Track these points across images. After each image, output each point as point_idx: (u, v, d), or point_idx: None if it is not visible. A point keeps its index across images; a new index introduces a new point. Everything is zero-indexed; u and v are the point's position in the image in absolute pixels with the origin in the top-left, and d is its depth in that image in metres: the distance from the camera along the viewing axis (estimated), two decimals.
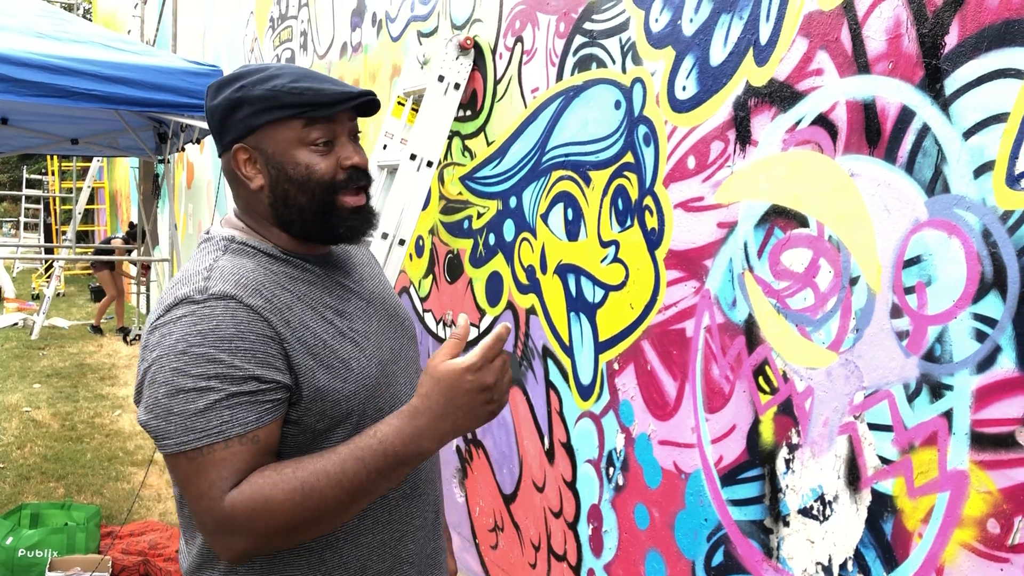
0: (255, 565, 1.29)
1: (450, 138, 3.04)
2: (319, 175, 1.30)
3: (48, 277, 14.20)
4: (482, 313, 2.89)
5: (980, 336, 1.32)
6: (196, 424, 1.16)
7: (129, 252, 10.38)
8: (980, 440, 1.32)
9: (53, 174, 16.33)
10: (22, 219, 18.13)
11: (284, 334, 1.23)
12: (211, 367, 1.17)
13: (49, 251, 15.27)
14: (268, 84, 1.29)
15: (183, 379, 1.17)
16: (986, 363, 1.31)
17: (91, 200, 15.15)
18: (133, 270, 10.76)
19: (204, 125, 4.13)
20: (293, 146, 1.30)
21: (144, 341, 1.24)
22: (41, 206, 17.73)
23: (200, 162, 8.58)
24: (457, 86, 2.88)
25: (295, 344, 1.24)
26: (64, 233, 15.72)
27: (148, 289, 9.72)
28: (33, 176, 18.47)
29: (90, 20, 17.24)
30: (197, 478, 1.17)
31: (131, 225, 10.85)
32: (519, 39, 2.63)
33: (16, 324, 11.03)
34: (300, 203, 1.31)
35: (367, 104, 1.34)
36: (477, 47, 2.87)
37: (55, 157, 14.97)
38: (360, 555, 1.33)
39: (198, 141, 5.10)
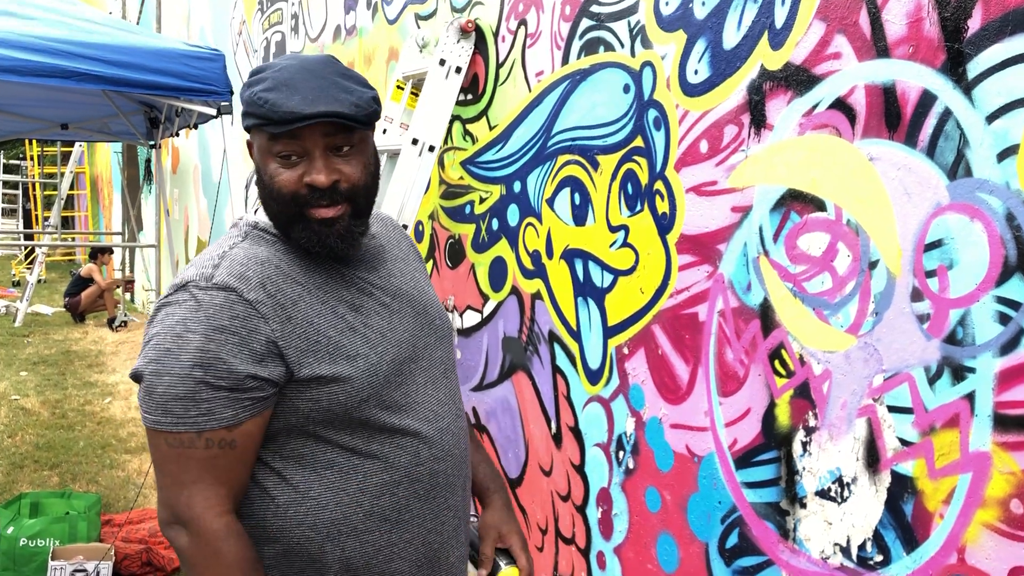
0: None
1: (451, 122, 3.02)
2: (278, 186, 1.29)
3: (30, 263, 14.03)
4: (485, 298, 2.89)
5: (1003, 319, 1.33)
6: (174, 408, 1.22)
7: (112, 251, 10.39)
8: (1003, 422, 1.33)
9: (32, 159, 16.10)
10: (0, 205, 17.89)
11: (280, 331, 1.25)
12: (199, 355, 1.21)
13: (29, 237, 15.09)
14: (249, 89, 1.29)
15: (172, 361, 1.22)
16: (1009, 346, 1.32)
17: (72, 185, 14.97)
18: (118, 274, 10.73)
19: (203, 109, 4.09)
20: (265, 154, 1.30)
21: (151, 315, 1.29)
22: (19, 191, 17.49)
23: (186, 147, 8.49)
24: (458, 70, 2.86)
25: (293, 340, 1.26)
26: (46, 219, 15.53)
27: (132, 292, 9.67)
28: (11, 161, 18.23)
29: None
30: (174, 464, 1.24)
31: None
32: (523, 22, 2.61)
33: None
34: (272, 208, 1.33)
35: (341, 121, 1.25)
36: (478, 30, 2.85)
37: (34, 142, 14.76)
38: (365, 552, 1.31)
39: (196, 126, 5.04)
